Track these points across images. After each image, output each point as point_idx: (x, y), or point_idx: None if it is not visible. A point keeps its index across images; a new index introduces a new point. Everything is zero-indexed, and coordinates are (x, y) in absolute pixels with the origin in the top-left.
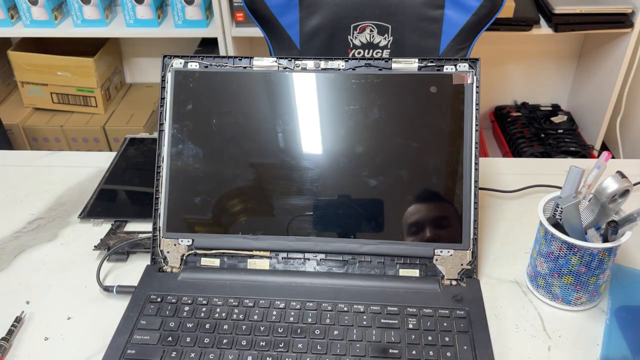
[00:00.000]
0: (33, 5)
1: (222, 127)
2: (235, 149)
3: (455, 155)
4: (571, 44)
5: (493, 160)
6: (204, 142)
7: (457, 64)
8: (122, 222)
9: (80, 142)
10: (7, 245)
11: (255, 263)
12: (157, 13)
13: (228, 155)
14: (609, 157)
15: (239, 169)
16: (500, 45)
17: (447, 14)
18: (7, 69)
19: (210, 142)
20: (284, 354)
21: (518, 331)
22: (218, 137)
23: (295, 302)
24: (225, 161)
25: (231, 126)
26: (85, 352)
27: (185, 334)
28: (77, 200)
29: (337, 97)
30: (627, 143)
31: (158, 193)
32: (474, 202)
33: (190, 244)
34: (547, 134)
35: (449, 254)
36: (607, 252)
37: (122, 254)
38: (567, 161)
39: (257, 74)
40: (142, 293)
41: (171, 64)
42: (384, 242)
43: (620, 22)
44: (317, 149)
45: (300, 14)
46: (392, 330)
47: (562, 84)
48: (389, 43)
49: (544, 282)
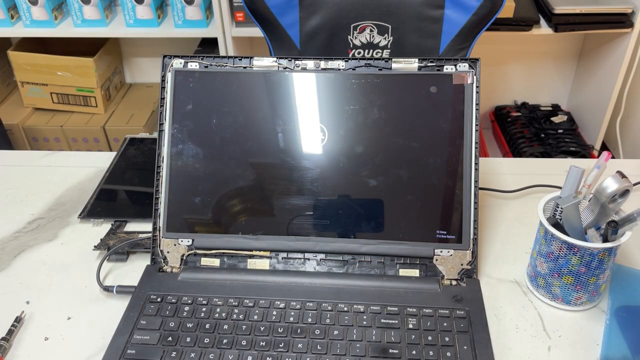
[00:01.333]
0: (33, 5)
1: (222, 127)
2: (235, 149)
3: (455, 155)
4: (571, 44)
5: (493, 160)
6: (204, 142)
7: (457, 64)
8: (122, 222)
9: (80, 142)
10: (7, 245)
11: (255, 263)
12: (157, 13)
13: (228, 155)
14: (609, 157)
15: (239, 169)
16: (500, 45)
17: (447, 14)
18: (7, 69)
19: (210, 142)
20: (284, 354)
21: (518, 331)
22: (218, 137)
23: (295, 302)
24: (225, 161)
25: (231, 126)
26: (85, 352)
27: (185, 334)
28: (77, 200)
29: (337, 97)
30: (627, 143)
31: (158, 193)
32: (474, 202)
33: (190, 244)
34: (547, 134)
35: (449, 254)
36: (607, 252)
37: (122, 253)
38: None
39: (257, 74)
40: (142, 293)
41: (171, 64)
42: (383, 242)
43: (620, 22)
44: (317, 149)
45: (300, 14)
46: (392, 330)
47: (562, 84)
48: (389, 43)
49: (544, 282)
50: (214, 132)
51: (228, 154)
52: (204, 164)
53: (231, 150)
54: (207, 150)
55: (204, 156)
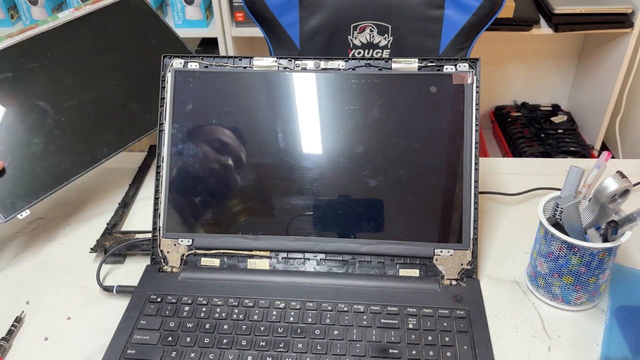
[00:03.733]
0: (33, 5)
1: (222, 127)
2: (236, 148)
3: (455, 155)
4: (571, 44)
5: (493, 160)
6: (204, 142)
7: (457, 64)
8: (117, 221)
9: None
10: (7, 245)
11: (255, 263)
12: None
13: (228, 155)
14: (609, 157)
15: (239, 169)
16: (500, 45)
17: (447, 14)
18: None
19: (210, 142)
20: (284, 354)
21: (518, 331)
22: (218, 137)
23: (295, 302)
24: (225, 161)
25: (231, 126)
26: (85, 352)
27: (185, 334)
28: (77, 200)
29: (337, 97)
30: (626, 143)
31: (158, 193)
32: (474, 202)
33: (190, 244)
34: (547, 134)
35: (449, 254)
36: (607, 252)
37: (119, 255)
38: (567, 161)
39: (257, 74)
40: (142, 293)
41: (171, 64)
42: (383, 242)
43: (620, 22)
44: (317, 149)
45: (300, 14)
46: (392, 330)
47: (562, 84)
48: (389, 43)
49: (544, 282)
50: (214, 132)
51: (228, 153)
52: (204, 164)
53: (231, 150)
54: (207, 150)
55: (204, 156)
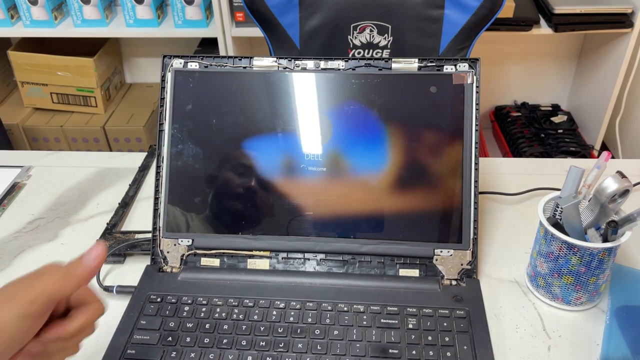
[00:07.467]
0: (33, 5)
1: (222, 127)
2: (236, 148)
3: (455, 155)
4: (571, 44)
5: (493, 160)
6: (204, 142)
7: (457, 64)
8: (117, 221)
9: (80, 142)
10: (7, 245)
11: (255, 263)
12: (157, 13)
13: (228, 155)
14: (609, 157)
15: (239, 169)
16: (500, 45)
17: (447, 14)
18: (7, 69)
19: (210, 142)
20: (284, 354)
21: (518, 331)
22: (218, 137)
23: (295, 302)
24: (225, 161)
25: (231, 126)
26: (85, 352)
27: (185, 334)
28: (77, 200)
29: (337, 97)
30: (626, 143)
31: (158, 193)
32: (473, 202)
33: (190, 244)
34: (547, 134)
35: (449, 254)
36: (607, 252)
37: (119, 255)
38: (567, 161)
39: (257, 74)
40: (142, 293)
41: (171, 64)
42: (383, 242)
43: (620, 22)
44: (317, 149)
45: (300, 14)
46: (392, 330)
47: (562, 84)
48: (389, 43)
49: (544, 282)
50: (214, 132)
51: (228, 153)
52: (204, 164)
53: (231, 150)
54: (207, 150)
55: (204, 156)
